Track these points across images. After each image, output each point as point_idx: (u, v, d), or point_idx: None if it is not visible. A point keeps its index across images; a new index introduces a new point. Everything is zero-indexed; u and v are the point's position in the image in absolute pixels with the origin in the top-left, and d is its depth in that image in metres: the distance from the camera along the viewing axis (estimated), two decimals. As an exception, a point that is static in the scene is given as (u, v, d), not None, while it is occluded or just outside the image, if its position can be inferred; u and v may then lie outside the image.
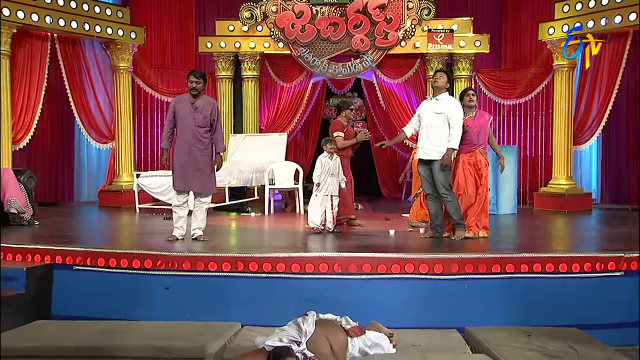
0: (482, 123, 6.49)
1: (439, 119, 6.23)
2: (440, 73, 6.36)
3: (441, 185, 6.25)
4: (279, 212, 9.89)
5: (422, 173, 6.40)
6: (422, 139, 6.34)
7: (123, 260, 5.29)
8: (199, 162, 6.23)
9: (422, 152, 6.32)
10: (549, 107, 10.78)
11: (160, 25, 11.91)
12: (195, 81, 6.23)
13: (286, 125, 11.75)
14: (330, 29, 10.95)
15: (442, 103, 6.29)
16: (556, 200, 10.08)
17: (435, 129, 6.23)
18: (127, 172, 10.93)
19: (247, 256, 5.22)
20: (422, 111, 6.42)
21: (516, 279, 5.08)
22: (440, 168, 6.20)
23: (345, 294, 5.02)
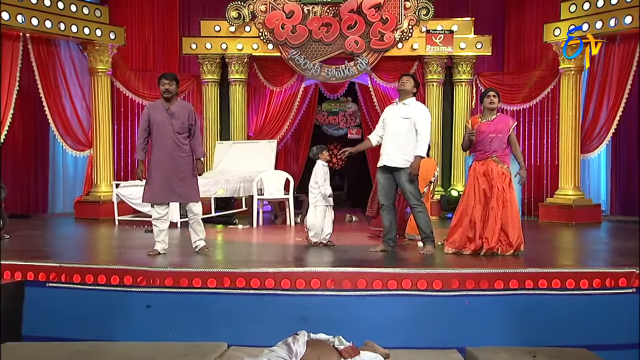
0: (500, 129, 6.33)
1: (406, 124, 6.27)
2: (407, 77, 6.40)
3: (411, 196, 6.29)
4: (268, 224, 9.89)
5: (382, 182, 6.40)
6: (387, 145, 6.34)
7: (100, 277, 5.27)
8: (182, 170, 6.25)
9: (387, 159, 6.32)
10: (555, 112, 10.85)
11: (141, 25, 11.93)
12: (167, 83, 6.25)
13: (276, 132, 11.76)
14: (323, 30, 11.00)
15: (409, 108, 6.34)
16: (563, 211, 10.14)
17: (402, 135, 6.27)
18: (105, 181, 10.90)
19: (234, 271, 5.21)
20: (387, 116, 6.43)
21: (520, 296, 5.10)
22: (408, 178, 6.24)
23: (338, 312, 5.02)
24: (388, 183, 6.39)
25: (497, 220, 6.22)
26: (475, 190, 6.37)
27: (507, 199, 6.26)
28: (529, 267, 5.31)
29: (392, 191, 6.42)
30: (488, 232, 6.23)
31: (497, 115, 6.49)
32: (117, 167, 11.44)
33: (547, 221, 10.22)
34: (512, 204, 6.27)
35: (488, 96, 6.44)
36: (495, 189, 6.25)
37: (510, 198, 6.28)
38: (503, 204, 6.24)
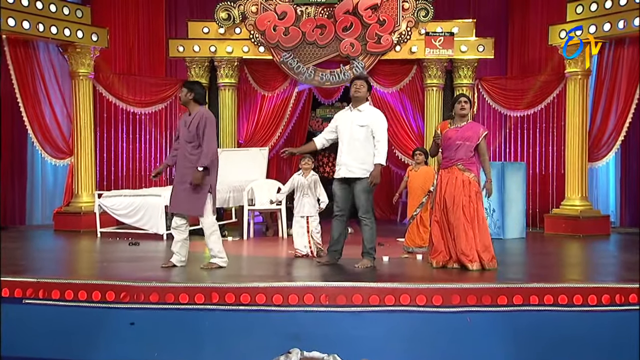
0: (468, 136, 6.40)
1: (362, 132, 6.31)
2: (361, 81, 6.43)
3: (362, 207, 6.35)
4: (259, 237, 9.89)
5: (338, 192, 6.46)
6: (343, 156, 6.36)
7: (81, 292, 5.26)
8: (185, 181, 6.30)
9: (345, 170, 6.35)
10: (561, 119, 10.91)
11: (125, 27, 11.95)
12: (182, 91, 6.48)
13: (267, 139, 11.79)
14: (317, 32, 11.05)
15: (365, 115, 6.39)
16: (570, 223, 10.16)
17: (359, 143, 6.31)
18: (87, 191, 10.88)
19: (222, 286, 5.21)
20: (341, 123, 6.45)
21: (525, 312, 5.12)
22: (365, 188, 6.29)
23: (333, 329, 5.02)
24: (345, 194, 6.45)
25: (468, 231, 6.26)
26: (440, 199, 6.45)
27: (474, 209, 6.30)
28: (534, 282, 5.34)
29: (348, 202, 6.47)
30: (461, 244, 6.26)
31: (468, 122, 6.54)
32: (100, 177, 11.42)
33: (552, 233, 10.25)
34: (479, 216, 6.32)
35: (459, 102, 6.50)
36: (460, 198, 6.30)
37: (477, 208, 6.32)
38: (471, 216, 6.28)
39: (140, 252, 7.97)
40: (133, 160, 11.86)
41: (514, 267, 6.94)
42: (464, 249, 6.23)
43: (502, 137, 11.81)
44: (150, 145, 12.00)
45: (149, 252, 7.99)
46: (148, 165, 12.00)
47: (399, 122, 11.68)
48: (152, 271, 6.21)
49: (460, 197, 6.31)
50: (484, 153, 6.44)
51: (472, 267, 6.19)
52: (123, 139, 11.73)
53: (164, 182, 12.04)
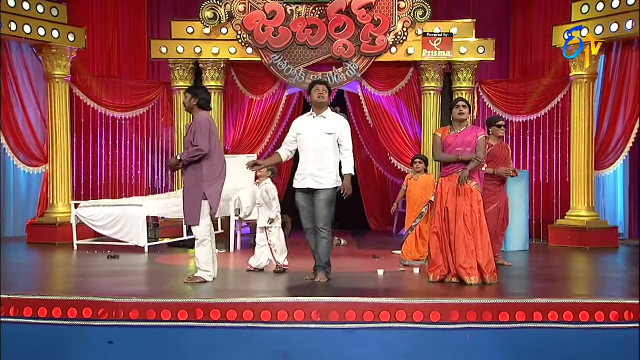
0: (468, 142, 6.47)
1: (329, 140, 6.37)
2: (324, 86, 6.49)
3: (322, 219, 6.39)
4: (247, 249, 9.87)
5: (304, 204, 6.50)
6: (309, 165, 6.39)
7: (56, 309, 5.24)
8: (184, 190, 6.44)
9: (312, 180, 6.37)
10: (566, 124, 10.95)
11: (104, 26, 11.95)
12: (185, 96, 6.56)
13: (256, 146, 11.79)
14: (308, 33, 11.08)
15: (330, 122, 6.45)
16: (575, 235, 10.19)
17: (327, 152, 6.37)
18: (63, 201, 10.84)
19: (208, 302, 5.21)
20: (304, 132, 6.48)
21: (528, 330, 5.13)
22: (330, 199, 6.38)
23: (324, 348, 5.03)
24: (310, 205, 6.48)
25: (469, 243, 6.29)
26: (440, 209, 6.48)
27: (477, 220, 6.35)
28: (538, 297, 5.35)
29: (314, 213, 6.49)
30: (460, 257, 6.27)
31: (467, 127, 6.59)
32: (77, 185, 11.39)
33: (557, 245, 10.28)
34: (482, 226, 6.38)
35: (457, 106, 6.56)
36: (462, 208, 6.34)
37: (480, 219, 6.37)
38: (472, 227, 6.32)
39: (120, 265, 7.94)
40: (113, 168, 11.83)
41: (517, 281, 6.96)
42: (463, 262, 6.25)
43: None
44: (131, 152, 11.98)
45: (130, 265, 7.96)
46: (129, 174, 11.98)
47: (395, 128, 11.70)
48: (133, 286, 6.19)
49: (461, 206, 6.35)
50: (480, 150, 6.46)
51: (470, 281, 6.20)
52: (102, 146, 11.71)
53: (145, 191, 12.03)
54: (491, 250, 6.44)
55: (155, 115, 12.10)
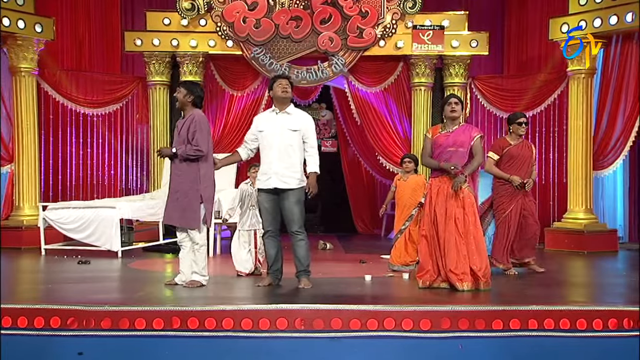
0: (460, 141, 6.46)
1: (295, 138, 6.41)
2: (287, 81, 6.54)
3: (296, 222, 6.40)
4: (227, 253, 9.84)
5: (267, 205, 6.51)
6: (274, 164, 6.39)
7: (21, 319, 5.18)
8: (176, 191, 6.42)
9: (277, 180, 6.37)
10: (563, 122, 11.04)
11: (75, 17, 11.89)
12: (179, 91, 6.56)
13: (237, 144, 11.74)
14: (292, 25, 11.08)
15: (296, 118, 6.49)
16: (573, 238, 10.25)
17: (292, 150, 6.40)
18: (29, 203, 10.78)
19: (184, 310, 5.18)
20: (267, 129, 6.49)
21: (523, 338, 5.14)
22: (299, 199, 6.39)
23: (309, 358, 5.02)
24: (274, 206, 6.49)
25: (460, 247, 6.31)
26: (430, 211, 6.51)
27: (471, 222, 6.36)
28: (533, 304, 5.36)
29: (279, 215, 6.52)
30: (451, 262, 6.29)
31: (460, 125, 6.59)
32: (45, 186, 11.32)
33: (554, 249, 10.33)
34: (477, 230, 6.40)
35: (449, 103, 6.56)
36: (453, 210, 6.36)
37: (474, 222, 6.40)
38: (465, 230, 6.33)
39: (91, 271, 7.89)
40: (84, 168, 11.78)
41: (511, 287, 6.98)
42: (454, 267, 6.27)
43: (498, 142, 11.90)
44: (104, 150, 11.93)
45: (102, 271, 7.93)
46: (101, 174, 11.94)
47: (384, 125, 11.73)
48: (105, 293, 6.16)
49: (452, 208, 6.36)
50: (476, 153, 6.47)
51: (461, 286, 6.22)
52: (72, 144, 11.65)
53: (119, 192, 11.97)
54: (485, 256, 6.44)
55: (129, 111, 12.07)
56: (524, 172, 7.63)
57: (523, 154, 7.69)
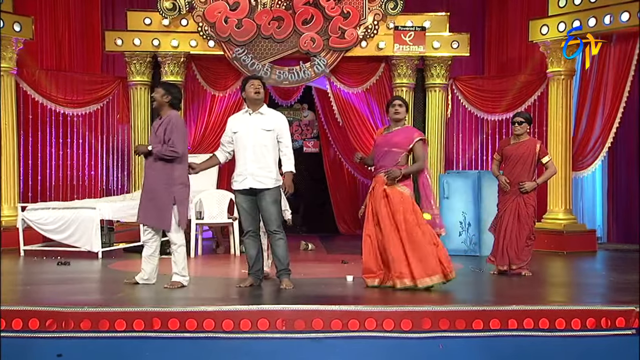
0: (396, 142, 6.50)
1: (269, 138, 6.43)
2: (259, 81, 6.55)
3: (274, 221, 6.44)
4: (208, 254, 9.84)
5: (245, 206, 6.52)
6: (248, 164, 6.40)
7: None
8: (150, 191, 6.42)
9: (252, 180, 6.38)
10: (543, 123, 11.10)
11: (54, 15, 11.79)
12: (157, 91, 6.51)
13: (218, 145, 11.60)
14: (274, 25, 11.08)
15: (269, 118, 6.51)
16: (552, 238, 10.32)
17: (266, 150, 6.42)
18: (8, 203, 10.68)
19: (165, 311, 5.16)
20: (240, 129, 6.50)
21: (502, 338, 5.16)
22: (276, 199, 6.43)
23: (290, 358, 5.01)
24: (252, 207, 6.51)
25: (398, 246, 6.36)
26: (370, 211, 6.59)
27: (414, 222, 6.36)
28: (513, 304, 5.40)
29: (257, 215, 6.55)
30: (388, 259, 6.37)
31: (402, 127, 6.65)
32: (24, 187, 11.24)
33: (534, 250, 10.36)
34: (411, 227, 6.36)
35: (393, 105, 6.63)
36: (387, 210, 6.42)
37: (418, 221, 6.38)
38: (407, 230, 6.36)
39: (71, 272, 7.84)
40: (63, 168, 11.70)
41: (491, 287, 7.03)
42: (392, 264, 6.34)
43: (479, 143, 11.98)
44: (84, 150, 11.86)
45: (82, 272, 7.88)
46: (81, 174, 11.86)
47: (365, 126, 11.76)
48: (84, 294, 6.12)
49: (384, 208, 6.43)
50: (417, 157, 6.53)
51: (401, 284, 6.27)
52: (52, 144, 11.57)
53: (99, 193, 11.91)
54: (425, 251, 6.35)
55: (109, 111, 12.00)
56: (519, 172, 7.53)
57: (518, 154, 7.58)
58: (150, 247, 6.61)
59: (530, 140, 7.71)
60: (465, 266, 8.37)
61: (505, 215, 7.62)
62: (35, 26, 10.94)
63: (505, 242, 7.59)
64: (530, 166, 7.55)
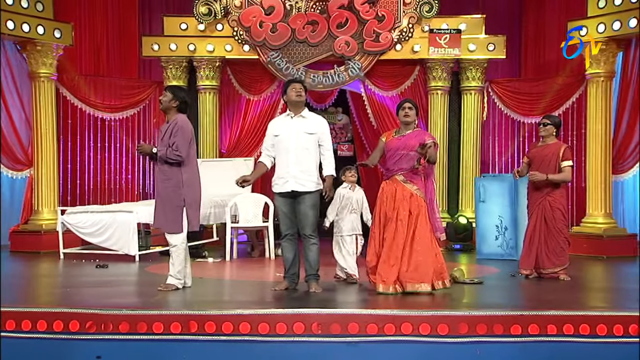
0: (411, 145, 6.50)
1: (311, 141, 6.45)
2: (300, 84, 6.54)
3: (310, 225, 6.44)
4: (243, 257, 9.88)
5: (285, 210, 6.53)
6: (291, 167, 6.41)
7: (40, 322, 5.23)
8: (160, 195, 6.50)
9: (294, 183, 6.39)
10: (582, 126, 10.97)
11: (93, 22, 11.95)
12: (165, 95, 6.60)
13: (253, 148, 11.80)
14: (308, 29, 11.11)
15: (311, 121, 6.53)
16: (592, 243, 10.19)
17: (308, 153, 6.44)
18: (48, 207, 10.84)
19: (202, 314, 5.20)
20: (282, 133, 6.51)
21: (541, 344, 5.12)
22: (315, 203, 6.43)
23: (325, 363, 5.03)
24: (291, 210, 6.52)
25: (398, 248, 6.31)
26: (378, 213, 6.57)
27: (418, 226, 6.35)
28: (552, 309, 5.34)
29: (295, 219, 6.55)
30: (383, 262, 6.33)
31: (413, 130, 6.66)
32: (63, 191, 11.39)
33: (572, 254, 10.04)
34: (421, 234, 6.36)
35: (403, 108, 6.66)
36: (401, 213, 6.38)
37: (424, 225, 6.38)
38: (413, 232, 6.34)
39: (109, 275, 7.95)
40: (101, 172, 11.84)
41: (529, 292, 6.95)
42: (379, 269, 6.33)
43: (515, 146, 11.86)
44: (121, 154, 11.99)
45: (119, 275, 7.97)
46: (118, 178, 11.99)
47: (400, 129, 11.71)
48: (122, 297, 6.19)
49: (402, 210, 6.40)
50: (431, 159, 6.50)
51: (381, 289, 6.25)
52: (90, 148, 11.71)
53: (136, 196, 12.03)
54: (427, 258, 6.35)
55: (146, 116, 12.13)
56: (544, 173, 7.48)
57: (542, 156, 7.56)
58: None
59: (556, 144, 7.66)
60: (502, 270, 8.30)
61: (532, 218, 7.60)
62: (75, 32, 11.09)
63: (532, 246, 7.52)
64: (554, 169, 7.49)
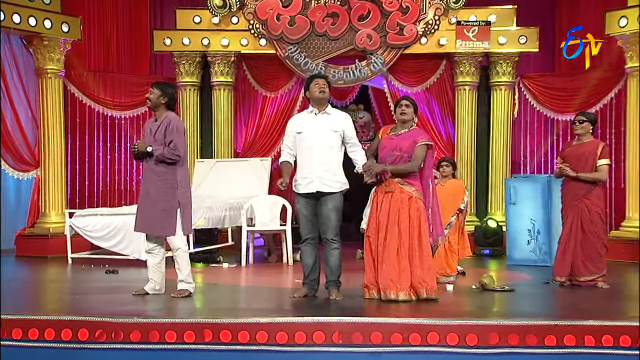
0: (405, 147, 6.43)
1: (335, 139, 6.44)
2: (324, 80, 6.53)
3: (332, 228, 6.42)
4: (259, 262, 9.89)
5: (306, 212, 6.51)
6: (315, 166, 6.39)
7: (48, 331, 5.25)
8: (152, 196, 6.48)
9: (319, 183, 6.37)
10: (620, 123, 10.89)
11: (102, 16, 12.01)
12: (152, 92, 6.56)
13: (270, 148, 11.81)
14: (328, 22, 11.10)
15: (335, 118, 6.51)
16: (630, 248, 10.09)
17: (332, 151, 6.43)
18: (56, 209, 10.92)
19: (217, 322, 5.21)
20: (305, 130, 6.49)
21: (578, 356, 5.08)
22: (338, 205, 6.39)
23: (347, 374, 5.01)
24: (313, 212, 6.51)
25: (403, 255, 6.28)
26: (375, 216, 6.52)
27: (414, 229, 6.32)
28: (589, 319, 5.29)
29: (316, 222, 6.53)
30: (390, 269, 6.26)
31: (410, 129, 6.55)
32: (71, 192, 11.47)
33: (610, 260, 10.03)
34: (421, 238, 6.35)
35: (400, 105, 6.58)
36: (397, 216, 6.34)
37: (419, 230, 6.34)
38: (410, 238, 6.31)
39: (119, 281, 7.97)
40: (111, 173, 11.91)
41: (565, 300, 6.89)
42: (393, 275, 6.25)
43: (549, 144, 11.78)
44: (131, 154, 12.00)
45: (130, 281, 7.96)
46: (129, 179, 12.05)
47: (425, 127, 11.63)
48: (133, 304, 6.21)
49: (396, 215, 6.36)
50: (414, 158, 6.39)
51: (396, 296, 6.19)
52: (99, 148, 11.79)
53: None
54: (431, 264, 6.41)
55: (157, 114, 12.15)
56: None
57: (578, 155, 7.51)
58: (157, 256, 6.69)
59: (592, 142, 7.58)
60: (534, 277, 8.24)
61: (567, 222, 7.53)
62: (83, 26, 11.16)
63: (567, 251, 7.46)
64: (590, 169, 7.41)
